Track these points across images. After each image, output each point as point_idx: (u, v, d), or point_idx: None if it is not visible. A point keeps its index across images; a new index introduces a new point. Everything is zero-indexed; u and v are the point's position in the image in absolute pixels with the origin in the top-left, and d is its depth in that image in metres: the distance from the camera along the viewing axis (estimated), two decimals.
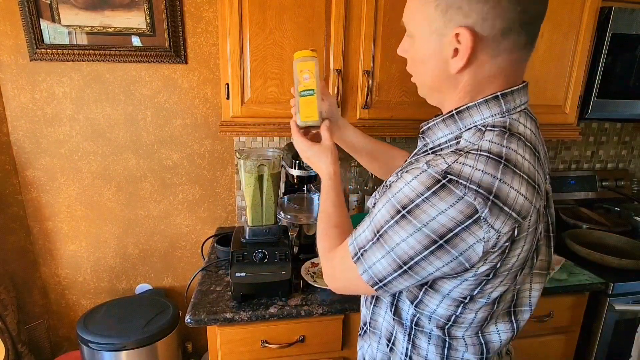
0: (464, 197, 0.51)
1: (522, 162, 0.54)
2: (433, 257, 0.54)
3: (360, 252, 0.62)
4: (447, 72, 0.58)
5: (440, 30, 0.56)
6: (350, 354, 1.21)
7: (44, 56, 1.39)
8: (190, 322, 1.06)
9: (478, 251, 0.53)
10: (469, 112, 0.59)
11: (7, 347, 1.42)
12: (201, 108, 1.56)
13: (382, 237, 0.58)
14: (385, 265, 0.58)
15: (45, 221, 1.58)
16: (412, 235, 0.54)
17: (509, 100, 0.58)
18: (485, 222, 0.51)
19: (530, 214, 0.53)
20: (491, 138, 0.55)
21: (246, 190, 1.15)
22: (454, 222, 0.51)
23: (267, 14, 1.17)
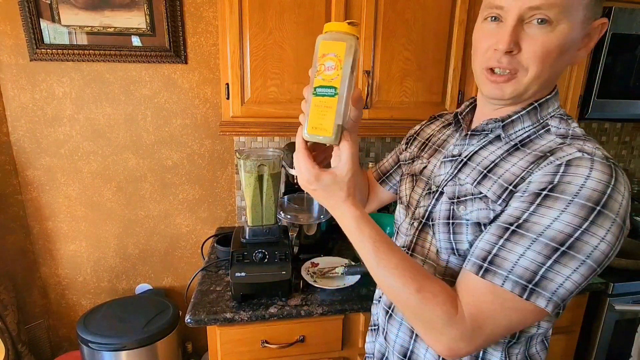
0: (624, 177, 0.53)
1: None
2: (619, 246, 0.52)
3: (533, 283, 0.51)
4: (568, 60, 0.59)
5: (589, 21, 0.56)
6: (350, 354, 1.21)
7: (44, 56, 1.39)
8: (190, 322, 1.06)
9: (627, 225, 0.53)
10: (548, 103, 0.62)
11: (7, 347, 1.42)
12: (201, 108, 1.56)
13: (572, 248, 0.50)
14: (578, 279, 0.50)
15: (45, 221, 1.58)
16: (609, 230, 0.50)
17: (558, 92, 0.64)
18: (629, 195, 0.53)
19: None
20: (576, 125, 0.61)
21: (246, 190, 1.15)
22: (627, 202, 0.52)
23: (267, 14, 1.17)
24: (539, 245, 0.51)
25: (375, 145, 1.69)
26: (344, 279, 1.21)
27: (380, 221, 1.52)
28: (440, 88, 1.33)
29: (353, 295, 1.16)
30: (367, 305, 1.13)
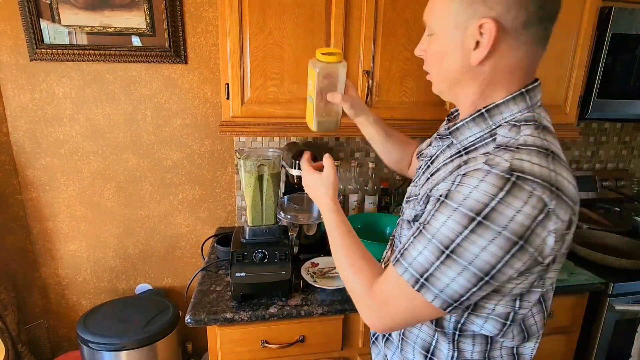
0: (534, 192, 0.51)
1: (559, 153, 0.57)
2: (514, 260, 0.53)
3: (424, 278, 0.56)
4: (467, 65, 0.60)
5: (464, 23, 0.58)
6: (350, 354, 1.21)
7: (44, 56, 1.39)
8: (190, 322, 1.06)
9: (550, 243, 0.53)
10: (499, 109, 0.61)
11: (7, 347, 1.42)
12: (201, 108, 1.56)
13: (454, 253, 0.54)
14: (463, 283, 0.54)
15: (45, 221, 1.58)
16: (492, 241, 0.52)
17: (532, 96, 0.61)
18: (554, 214, 0.52)
19: (577, 200, 0.56)
20: (530, 132, 0.57)
21: (246, 190, 1.15)
22: (530, 218, 0.51)
23: (267, 14, 1.17)
24: (431, 245, 0.56)
25: None
26: None
27: (381, 221, 1.53)
28: None
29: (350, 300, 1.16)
30: None
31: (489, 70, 0.60)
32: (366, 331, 1.17)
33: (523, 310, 0.62)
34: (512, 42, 0.57)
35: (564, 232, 0.54)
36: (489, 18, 0.55)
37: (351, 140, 1.66)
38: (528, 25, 0.56)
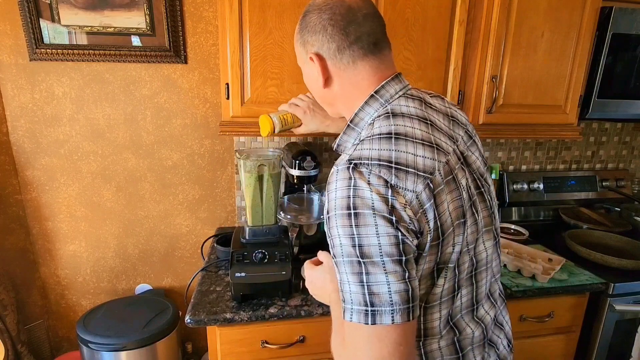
0: (371, 172, 0.56)
1: (412, 132, 0.62)
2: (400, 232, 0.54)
3: (368, 303, 0.53)
4: (322, 89, 0.73)
5: (305, 60, 0.73)
6: None
7: (44, 56, 1.39)
8: (190, 322, 1.06)
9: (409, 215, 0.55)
10: (359, 116, 0.70)
11: (7, 348, 1.42)
12: (201, 108, 1.56)
13: (364, 257, 0.53)
14: (396, 277, 0.53)
15: (45, 221, 1.58)
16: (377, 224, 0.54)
17: (383, 94, 0.69)
18: (398, 187, 0.56)
19: (436, 168, 0.60)
20: (379, 124, 0.64)
21: (246, 190, 1.15)
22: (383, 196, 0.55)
23: (267, 14, 1.17)
24: (347, 266, 0.55)
25: None
26: None
27: None
28: (441, 88, 1.33)
29: None
30: None
31: (338, 88, 0.71)
32: None
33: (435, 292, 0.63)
34: (339, 64, 0.69)
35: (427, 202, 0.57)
36: (312, 53, 0.70)
37: None
38: (342, 50, 0.68)
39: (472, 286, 0.69)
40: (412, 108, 0.67)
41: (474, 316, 0.70)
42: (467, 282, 0.68)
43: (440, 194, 0.59)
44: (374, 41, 0.69)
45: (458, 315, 0.68)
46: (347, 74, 0.70)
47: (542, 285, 1.23)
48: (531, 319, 1.26)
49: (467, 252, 0.66)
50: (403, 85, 0.71)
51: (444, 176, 0.61)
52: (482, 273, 0.70)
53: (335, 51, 0.68)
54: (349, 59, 0.69)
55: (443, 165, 0.61)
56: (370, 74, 0.70)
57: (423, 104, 0.70)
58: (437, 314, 0.65)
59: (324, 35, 0.68)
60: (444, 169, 0.61)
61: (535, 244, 1.50)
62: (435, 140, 0.63)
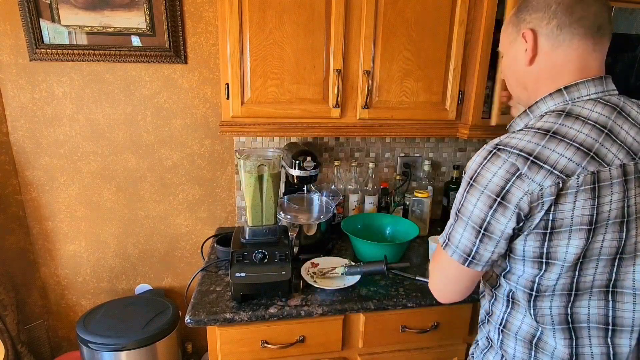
0: (508, 159, 0.65)
1: (573, 134, 0.65)
2: (498, 215, 0.66)
3: (447, 237, 0.74)
4: (523, 68, 0.75)
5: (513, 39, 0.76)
6: (350, 354, 1.21)
7: (44, 56, 1.39)
8: (190, 322, 1.06)
9: (525, 201, 0.64)
10: (537, 105, 0.74)
11: (7, 348, 1.42)
12: (201, 108, 1.56)
13: (460, 212, 0.71)
14: (467, 236, 0.70)
15: (45, 221, 1.58)
16: (479, 199, 0.67)
17: (572, 91, 0.70)
18: (527, 177, 0.63)
19: (576, 173, 0.63)
20: (547, 119, 0.68)
21: (246, 190, 1.15)
22: (503, 180, 0.65)
23: (267, 14, 1.17)
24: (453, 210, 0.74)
25: (376, 145, 1.68)
26: (344, 279, 1.21)
27: (381, 221, 1.52)
28: (441, 88, 1.33)
29: (353, 295, 1.16)
30: (367, 305, 1.13)
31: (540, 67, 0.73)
32: (366, 331, 1.17)
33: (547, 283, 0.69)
34: (552, 41, 0.70)
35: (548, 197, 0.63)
36: (527, 29, 0.72)
37: (351, 140, 1.66)
38: (561, 26, 0.69)
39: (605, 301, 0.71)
40: (596, 113, 0.67)
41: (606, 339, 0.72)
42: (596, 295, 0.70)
43: (567, 196, 0.63)
44: (599, 24, 0.69)
45: None
46: (558, 52, 0.70)
47: None
48: None
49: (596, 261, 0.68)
50: (602, 90, 0.70)
51: (582, 184, 0.63)
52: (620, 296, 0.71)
53: (554, 27, 0.69)
54: (567, 36, 0.69)
55: (587, 174, 0.63)
56: (578, 59, 0.70)
57: (615, 113, 0.68)
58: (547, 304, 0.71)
59: (546, 12, 0.70)
60: (585, 177, 0.63)
61: None
62: (597, 149, 0.64)
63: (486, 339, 0.84)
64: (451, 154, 1.76)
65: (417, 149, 1.73)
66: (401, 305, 1.14)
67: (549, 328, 0.72)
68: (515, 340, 0.76)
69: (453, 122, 1.37)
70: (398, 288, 1.20)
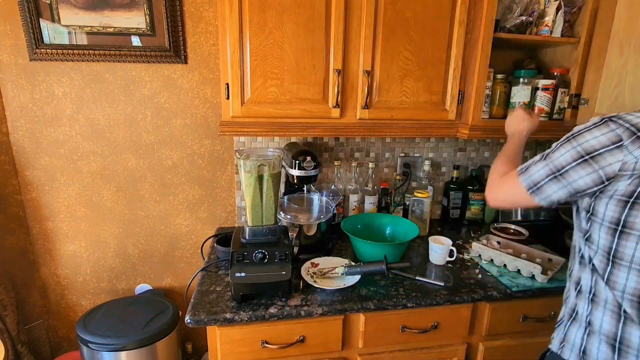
0: (615, 130, 0.71)
1: None
2: (578, 168, 0.74)
3: (525, 168, 0.84)
4: None
5: None
6: (350, 354, 1.21)
7: (44, 56, 1.39)
8: (190, 322, 1.06)
9: (615, 168, 0.71)
10: None
11: (7, 348, 1.42)
12: (201, 108, 1.56)
13: (548, 157, 0.80)
14: (542, 173, 0.80)
15: (45, 221, 1.58)
16: (568, 151, 0.76)
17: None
18: (626, 149, 0.69)
19: None
20: None
21: (246, 190, 1.15)
22: (601, 144, 0.72)
23: (267, 14, 1.17)
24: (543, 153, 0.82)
25: (376, 145, 1.68)
26: (344, 279, 1.21)
27: (381, 221, 1.52)
28: (441, 88, 1.33)
29: (353, 295, 1.16)
30: (367, 305, 1.13)
31: None
32: (366, 331, 1.17)
33: (624, 251, 0.73)
34: None
35: None
36: None
37: (351, 140, 1.66)
38: None
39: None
40: None
41: None
42: None
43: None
44: None
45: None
46: None
47: (542, 285, 1.23)
48: (532, 318, 1.26)
49: None
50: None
51: None
52: None
53: None
54: None
55: None
56: None
57: None
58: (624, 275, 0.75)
59: None
60: None
61: (536, 244, 1.50)
62: None
63: (572, 310, 0.87)
64: (451, 154, 1.76)
65: (417, 149, 1.73)
66: (401, 305, 1.14)
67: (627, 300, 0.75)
68: (604, 310, 0.79)
69: (453, 122, 1.37)
70: (398, 288, 1.20)
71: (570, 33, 1.40)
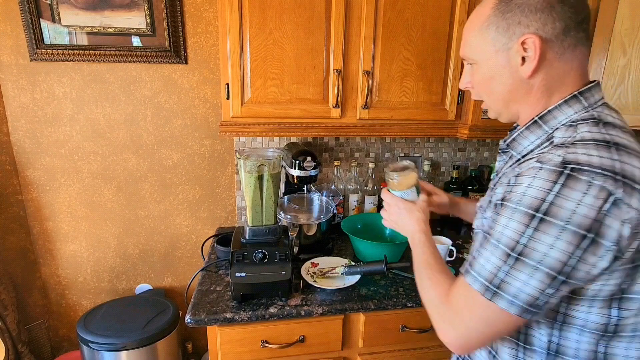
0: (593, 181, 0.51)
1: (629, 144, 0.56)
2: (588, 255, 0.51)
3: (494, 285, 0.56)
4: (519, 80, 0.63)
5: (505, 46, 0.63)
6: (350, 354, 1.21)
7: (44, 56, 1.40)
8: (190, 322, 1.06)
9: (626, 235, 0.51)
10: (552, 114, 0.63)
11: (7, 347, 1.42)
12: (201, 108, 1.56)
13: (522, 255, 0.54)
14: (536, 284, 0.53)
15: (46, 221, 1.58)
16: (559, 237, 0.51)
17: (587, 97, 0.62)
18: (622, 202, 0.50)
19: None
20: (588, 129, 0.57)
21: (246, 190, 1.15)
22: (594, 209, 0.50)
23: (267, 14, 1.17)
24: (498, 251, 0.56)
25: (375, 145, 1.69)
26: (344, 279, 1.21)
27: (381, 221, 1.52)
28: (440, 88, 1.33)
29: (353, 295, 1.16)
30: (367, 305, 1.13)
31: (541, 79, 0.62)
32: (366, 331, 1.17)
33: (627, 321, 0.58)
34: (557, 49, 0.60)
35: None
36: (530, 34, 0.59)
37: (351, 140, 1.66)
38: (568, 31, 0.59)
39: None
40: (618, 120, 0.60)
41: None
42: None
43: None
44: (589, 27, 0.62)
45: None
46: (561, 62, 0.61)
47: None
48: None
49: None
50: (602, 94, 0.64)
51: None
52: None
53: (561, 32, 0.59)
54: (573, 41, 0.60)
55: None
56: (580, 66, 0.62)
57: (622, 119, 0.62)
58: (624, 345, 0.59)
59: (550, 14, 0.58)
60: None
61: None
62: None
63: None
64: (451, 154, 1.76)
65: (417, 149, 1.73)
66: (401, 305, 1.14)
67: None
68: None
69: (453, 122, 1.37)
70: (398, 288, 1.21)
71: None
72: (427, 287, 0.70)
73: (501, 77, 0.65)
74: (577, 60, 0.62)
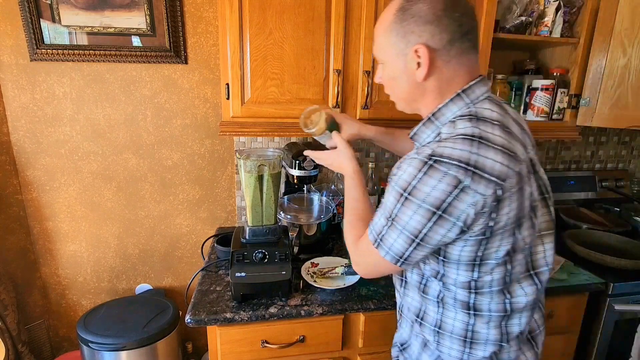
0: (448, 171, 0.64)
1: (493, 138, 0.66)
2: (437, 227, 0.66)
3: (379, 238, 0.74)
4: (415, 82, 0.74)
5: (402, 51, 0.73)
6: (350, 354, 1.21)
7: (44, 56, 1.40)
8: (190, 322, 1.06)
9: (470, 214, 0.64)
10: (441, 112, 0.74)
11: (7, 347, 1.43)
12: (201, 108, 1.56)
13: (394, 220, 0.70)
14: (401, 243, 0.70)
15: (46, 221, 1.58)
16: (416, 212, 0.66)
17: (469, 93, 0.73)
18: (470, 189, 0.63)
19: (509, 176, 0.64)
20: (463, 125, 0.69)
21: (246, 190, 1.15)
22: (445, 193, 0.64)
23: (267, 14, 1.17)
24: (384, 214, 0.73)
25: (375, 145, 1.68)
26: (344, 279, 1.22)
27: None
28: None
29: (353, 295, 1.16)
30: (367, 305, 1.13)
31: (433, 83, 0.74)
32: (366, 331, 1.17)
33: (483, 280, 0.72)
34: (445, 57, 0.71)
35: (490, 205, 0.64)
36: (420, 44, 0.70)
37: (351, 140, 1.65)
38: (453, 42, 0.70)
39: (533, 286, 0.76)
40: (495, 113, 0.70)
41: None
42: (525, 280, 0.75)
43: (504, 200, 0.65)
44: (477, 37, 0.73)
45: None
46: (449, 68, 0.72)
47: None
48: None
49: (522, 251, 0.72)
50: (487, 87, 0.74)
51: (514, 185, 0.65)
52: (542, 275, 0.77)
53: (447, 43, 0.70)
54: (458, 51, 0.71)
55: (515, 173, 0.65)
56: (467, 71, 0.73)
57: (503, 110, 0.72)
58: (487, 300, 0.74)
59: (438, 26, 0.69)
60: (515, 177, 0.65)
61: None
62: (512, 147, 0.66)
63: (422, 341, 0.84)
64: None
65: None
66: None
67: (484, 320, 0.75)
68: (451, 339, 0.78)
69: None
70: None
71: (569, 33, 1.41)
72: (348, 229, 0.87)
73: (401, 78, 0.76)
74: (465, 66, 0.72)
